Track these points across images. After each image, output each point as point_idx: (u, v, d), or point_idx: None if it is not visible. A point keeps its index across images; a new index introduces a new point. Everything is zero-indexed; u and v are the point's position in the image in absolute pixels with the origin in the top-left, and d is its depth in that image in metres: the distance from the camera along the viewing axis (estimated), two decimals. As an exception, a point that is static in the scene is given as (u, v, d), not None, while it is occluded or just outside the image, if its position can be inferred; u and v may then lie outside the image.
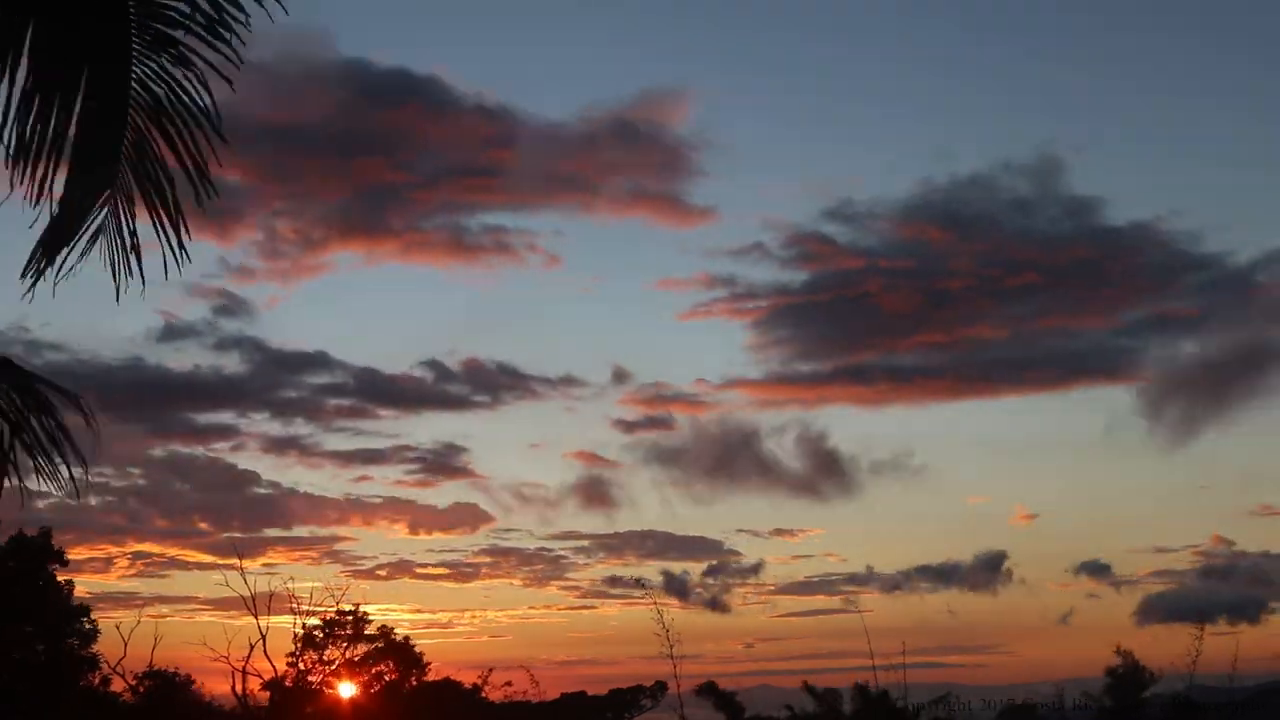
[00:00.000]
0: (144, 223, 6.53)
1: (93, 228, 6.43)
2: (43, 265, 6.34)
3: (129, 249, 6.49)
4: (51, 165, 6.14)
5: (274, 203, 57.87)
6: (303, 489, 60.82)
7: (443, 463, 62.08)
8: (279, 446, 61.30)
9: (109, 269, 6.48)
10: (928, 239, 61.81)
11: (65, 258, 6.40)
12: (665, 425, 61.96)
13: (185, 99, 6.24)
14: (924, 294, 61.80)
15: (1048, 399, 71.49)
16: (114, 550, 50.29)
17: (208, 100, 6.21)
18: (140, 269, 6.51)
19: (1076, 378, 65.49)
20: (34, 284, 6.38)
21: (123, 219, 6.48)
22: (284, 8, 5.92)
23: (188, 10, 6.06)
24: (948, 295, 61.34)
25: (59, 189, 6.20)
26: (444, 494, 79.47)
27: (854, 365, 64.73)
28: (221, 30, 6.05)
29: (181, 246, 6.49)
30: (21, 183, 6.08)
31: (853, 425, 74.30)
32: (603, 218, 62.65)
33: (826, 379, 63.11)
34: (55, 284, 6.44)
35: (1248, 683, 22.16)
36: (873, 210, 66.32)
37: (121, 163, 6.38)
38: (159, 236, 6.47)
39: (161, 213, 6.44)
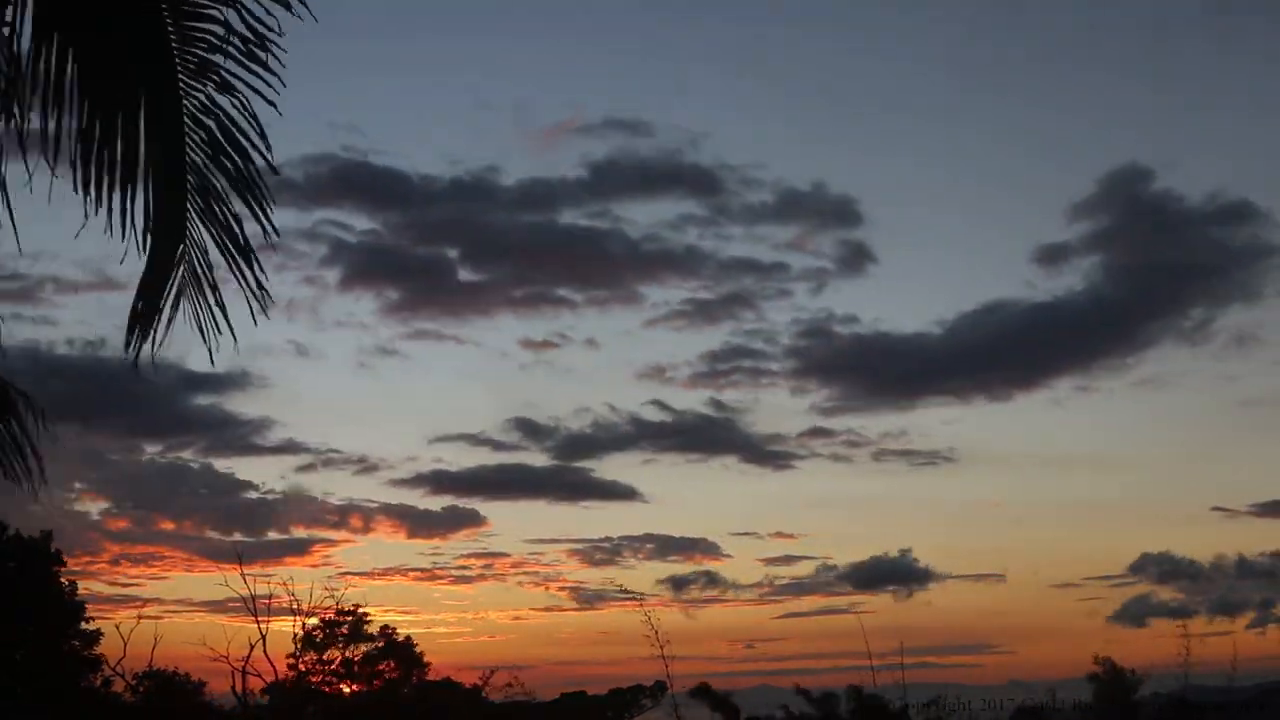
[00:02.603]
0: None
1: (174, 289, 6.23)
2: (140, 339, 6.19)
3: (213, 304, 6.26)
4: (126, 193, 6.01)
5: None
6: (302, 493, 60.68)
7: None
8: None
9: (196, 330, 6.24)
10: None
11: (155, 329, 6.20)
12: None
13: (236, 131, 6.16)
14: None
15: (1045, 408, 71.68)
16: (115, 551, 50.27)
17: (256, 131, 6.13)
18: (229, 324, 6.28)
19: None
20: (137, 354, 6.18)
21: (200, 273, 6.26)
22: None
23: (223, 32, 6.02)
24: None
25: (136, 218, 6.04)
26: (441, 499, 79.55)
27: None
28: (258, 51, 6.00)
29: (262, 289, 6.21)
30: (96, 213, 5.94)
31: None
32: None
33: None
34: (154, 356, 6.20)
35: (1247, 683, 22.31)
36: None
37: (189, 212, 6.20)
38: (238, 282, 6.22)
39: (235, 256, 6.22)
